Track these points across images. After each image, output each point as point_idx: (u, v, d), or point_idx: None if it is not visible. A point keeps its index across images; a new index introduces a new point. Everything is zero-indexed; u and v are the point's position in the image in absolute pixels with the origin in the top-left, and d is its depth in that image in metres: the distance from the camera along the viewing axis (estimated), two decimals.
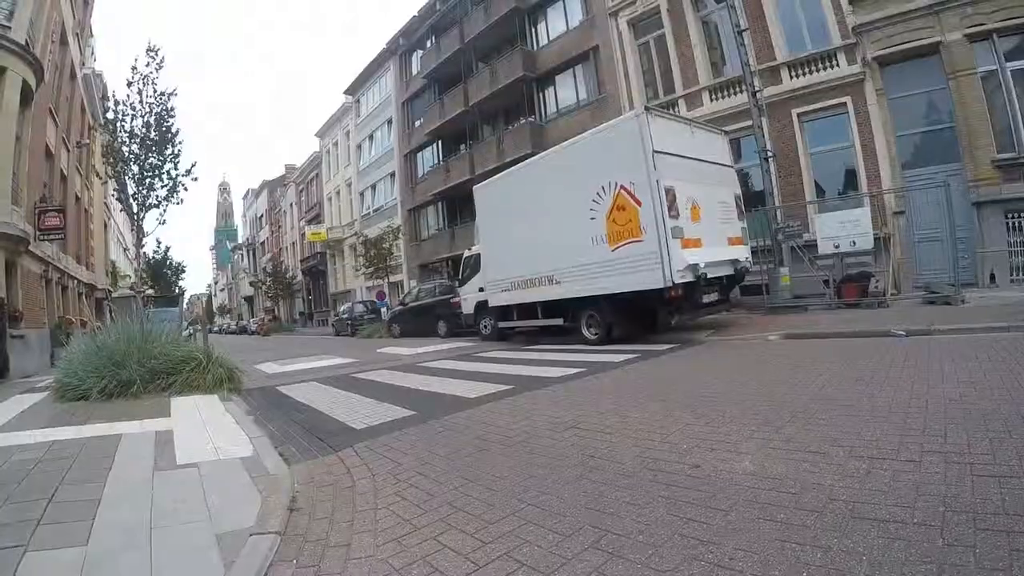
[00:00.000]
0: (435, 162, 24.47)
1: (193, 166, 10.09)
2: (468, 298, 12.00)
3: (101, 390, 5.51)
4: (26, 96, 10.98)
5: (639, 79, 15.05)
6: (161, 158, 9.54)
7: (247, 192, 61.83)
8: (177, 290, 29.27)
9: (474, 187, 11.27)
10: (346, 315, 22.08)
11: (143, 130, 9.40)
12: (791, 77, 11.84)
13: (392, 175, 27.82)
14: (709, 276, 7.27)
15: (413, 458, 3.05)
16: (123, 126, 9.45)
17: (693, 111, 13.13)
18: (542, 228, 8.84)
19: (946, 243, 8.90)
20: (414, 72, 25.54)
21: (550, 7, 18.37)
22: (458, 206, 22.40)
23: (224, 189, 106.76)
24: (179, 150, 9.87)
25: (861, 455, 2.32)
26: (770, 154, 11.20)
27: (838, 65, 11.22)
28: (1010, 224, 9.34)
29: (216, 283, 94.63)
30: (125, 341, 6.11)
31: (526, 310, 9.79)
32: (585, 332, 8.42)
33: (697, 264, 7.06)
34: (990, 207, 9.51)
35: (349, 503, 2.46)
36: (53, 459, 3.23)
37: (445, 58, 22.15)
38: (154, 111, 9.43)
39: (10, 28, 10.38)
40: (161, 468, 3.00)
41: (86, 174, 19.26)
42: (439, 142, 24.19)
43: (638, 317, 8.10)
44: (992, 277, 9.42)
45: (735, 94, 12.63)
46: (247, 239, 60.75)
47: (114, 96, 9.94)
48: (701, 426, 3.06)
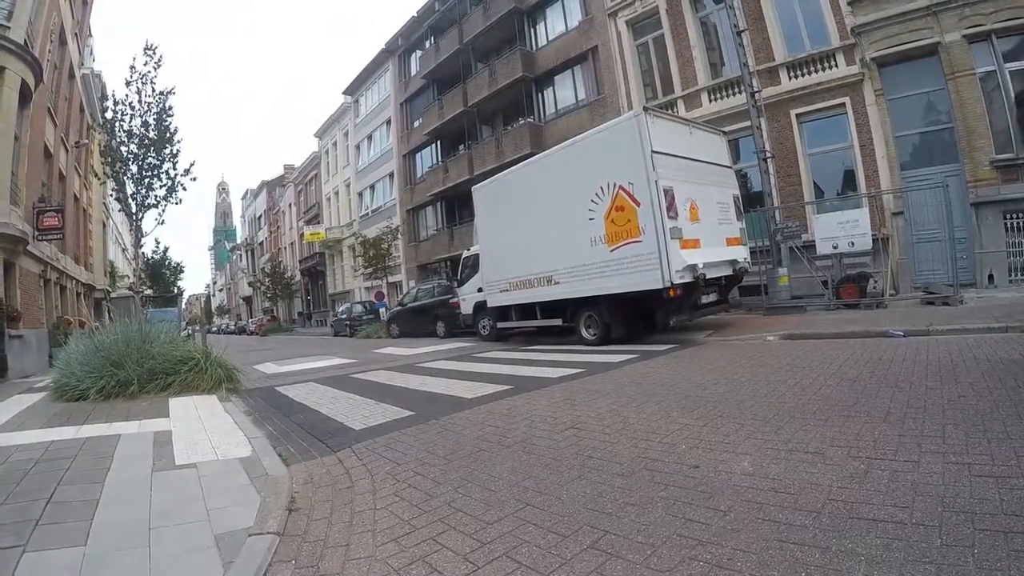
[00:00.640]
0: (434, 162, 24.47)
1: (192, 165, 10.08)
2: (467, 298, 12.00)
3: (99, 390, 5.50)
4: (25, 96, 10.95)
5: (638, 79, 15.07)
6: (160, 158, 9.52)
7: (246, 192, 61.77)
8: (176, 290, 29.23)
9: (473, 187, 11.28)
10: (345, 315, 22.06)
11: (141, 129, 9.38)
12: (789, 78, 11.86)
13: (391, 175, 27.82)
14: (708, 277, 7.28)
15: (412, 458, 3.04)
16: (121, 126, 9.43)
17: (692, 112, 13.15)
18: (541, 228, 8.85)
19: (944, 244, 8.91)
20: (413, 72, 25.55)
21: (549, 7, 18.39)
22: (457, 206, 22.40)
23: (223, 189, 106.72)
24: (178, 149, 9.86)
25: (859, 456, 2.32)
26: (769, 155, 11.21)
27: (837, 66, 11.24)
28: (1008, 224, 9.36)
29: (215, 283, 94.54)
30: (123, 341, 6.11)
31: (525, 311, 9.79)
32: (584, 332, 8.43)
33: (696, 264, 7.07)
34: (988, 207, 9.53)
35: (348, 503, 2.46)
36: (51, 459, 3.22)
37: (444, 58, 22.16)
38: (152, 110, 9.41)
39: (9, 28, 10.36)
40: (160, 468, 3.00)
41: (85, 174, 19.22)
42: (438, 142, 24.19)
43: (637, 317, 8.10)
44: (991, 277, 9.45)
45: (734, 95, 12.65)
46: (246, 239, 60.70)
47: (113, 95, 9.90)
48: (699, 426, 3.06)
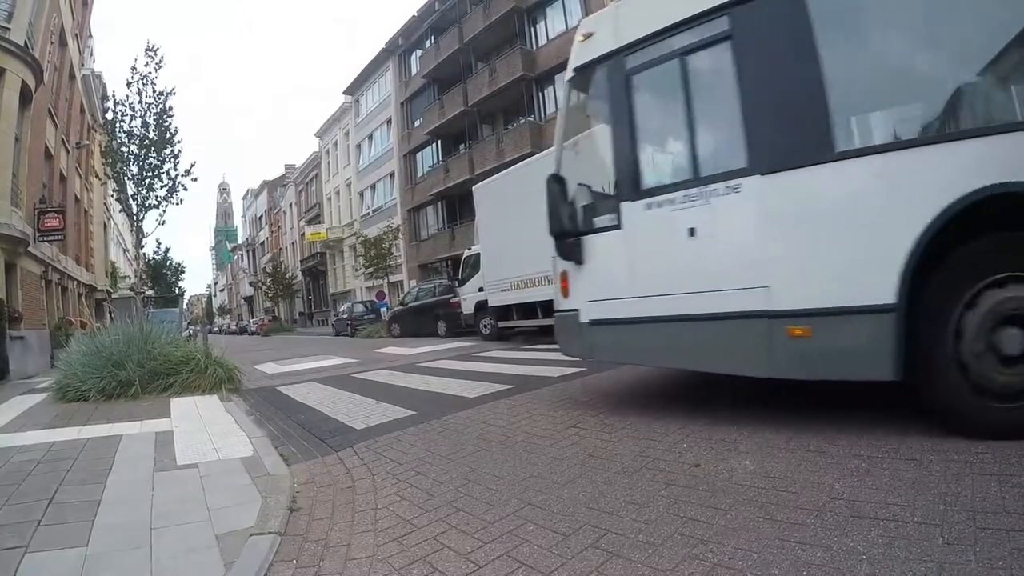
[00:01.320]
0: (434, 162, 24.49)
1: (192, 166, 10.06)
2: (468, 298, 12.00)
3: (101, 391, 5.51)
4: (25, 97, 10.98)
5: None
6: (160, 158, 9.52)
7: (247, 192, 61.86)
8: (177, 291, 29.28)
9: (473, 187, 11.30)
10: (346, 315, 22.10)
11: (142, 130, 9.38)
12: None
13: (391, 175, 27.84)
14: None
15: (413, 458, 3.05)
16: (121, 126, 9.43)
17: None
18: (541, 227, 8.82)
19: None
20: (413, 72, 25.57)
21: (549, 6, 18.39)
22: (457, 206, 22.41)
23: (224, 189, 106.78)
24: (179, 150, 9.85)
25: (860, 454, 2.32)
26: None
27: None
28: None
29: (216, 283, 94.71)
30: (125, 342, 6.11)
31: (526, 310, 9.78)
32: None
33: None
34: None
35: (349, 503, 2.46)
36: (53, 460, 3.23)
37: (444, 58, 22.18)
38: (152, 111, 9.41)
39: (9, 29, 10.38)
40: (161, 468, 3.00)
41: (86, 175, 19.25)
42: (438, 142, 24.21)
43: None
44: None
45: None
46: (247, 239, 60.80)
47: (113, 96, 9.92)
48: (700, 424, 3.06)
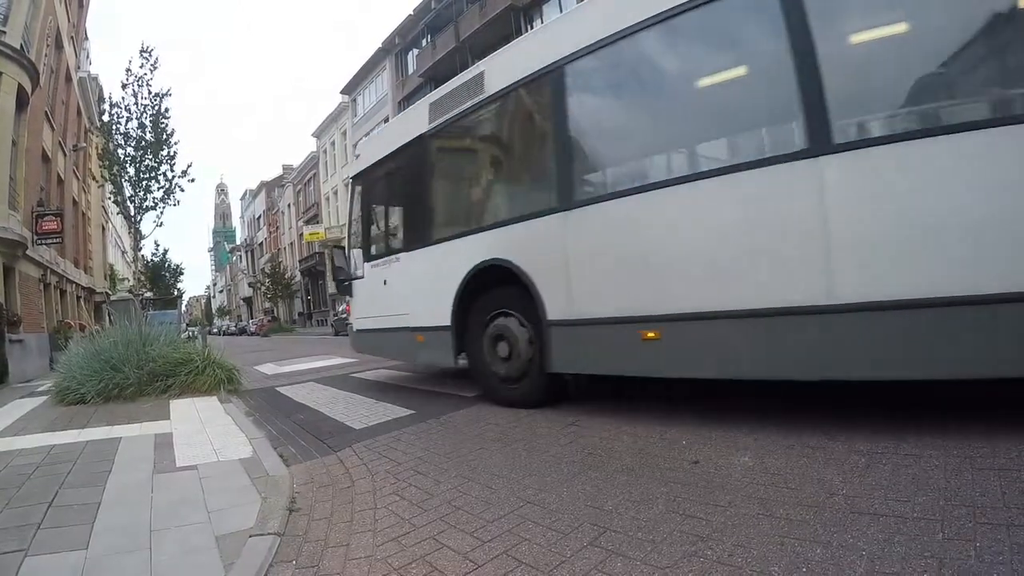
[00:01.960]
0: None
1: (189, 167, 10.06)
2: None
3: (100, 393, 5.51)
4: (22, 100, 10.95)
5: None
6: (157, 160, 9.51)
7: (244, 193, 61.80)
8: (176, 292, 29.25)
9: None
10: (345, 315, 22.06)
11: (138, 132, 9.37)
12: None
13: None
14: None
15: (412, 457, 3.04)
16: (118, 128, 9.42)
17: None
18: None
19: None
20: (410, 71, 25.54)
21: (545, 4, 18.37)
22: None
23: (222, 190, 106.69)
24: (175, 151, 9.85)
25: (860, 449, 2.32)
26: None
27: None
28: None
29: (215, 285, 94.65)
30: (124, 344, 6.11)
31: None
32: None
33: None
34: None
35: (348, 503, 2.46)
36: (53, 463, 3.23)
37: (441, 57, 22.15)
38: (148, 112, 9.40)
39: (5, 32, 10.35)
40: (160, 470, 3.00)
41: (83, 177, 19.22)
42: None
43: None
44: None
45: None
46: (245, 240, 60.75)
47: (109, 98, 9.89)
48: (700, 423, 3.06)
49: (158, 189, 9.64)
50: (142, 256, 15.33)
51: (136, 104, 9.40)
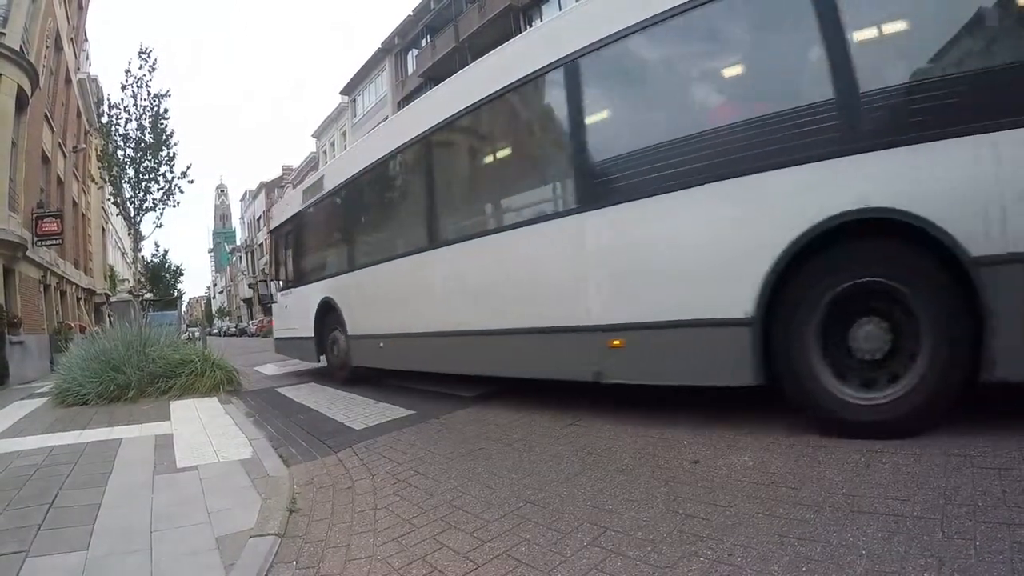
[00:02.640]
0: None
1: (188, 168, 10.06)
2: None
3: (100, 395, 5.52)
4: (21, 102, 10.94)
5: None
6: (156, 161, 9.50)
7: (244, 194, 61.76)
8: (176, 293, 29.24)
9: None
10: None
11: (137, 133, 9.36)
12: None
13: None
14: None
15: (412, 457, 3.05)
16: (117, 129, 9.41)
17: None
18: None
19: None
20: (410, 71, 25.51)
21: (545, 4, 18.34)
22: None
23: (222, 191, 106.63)
24: (174, 152, 9.84)
25: (860, 448, 2.32)
26: None
27: None
28: None
29: (215, 285, 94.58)
30: (124, 345, 6.11)
31: None
32: None
33: None
34: None
35: (348, 504, 2.46)
36: (53, 464, 3.23)
37: (440, 57, 22.11)
38: (147, 113, 9.39)
39: (4, 34, 10.34)
40: (161, 472, 3.01)
41: (83, 179, 19.22)
42: None
43: None
44: None
45: None
46: (245, 241, 60.68)
47: (108, 100, 9.88)
48: (700, 422, 3.06)
49: (158, 190, 9.63)
50: (142, 257, 15.33)
51: (135, 105, 9.40)
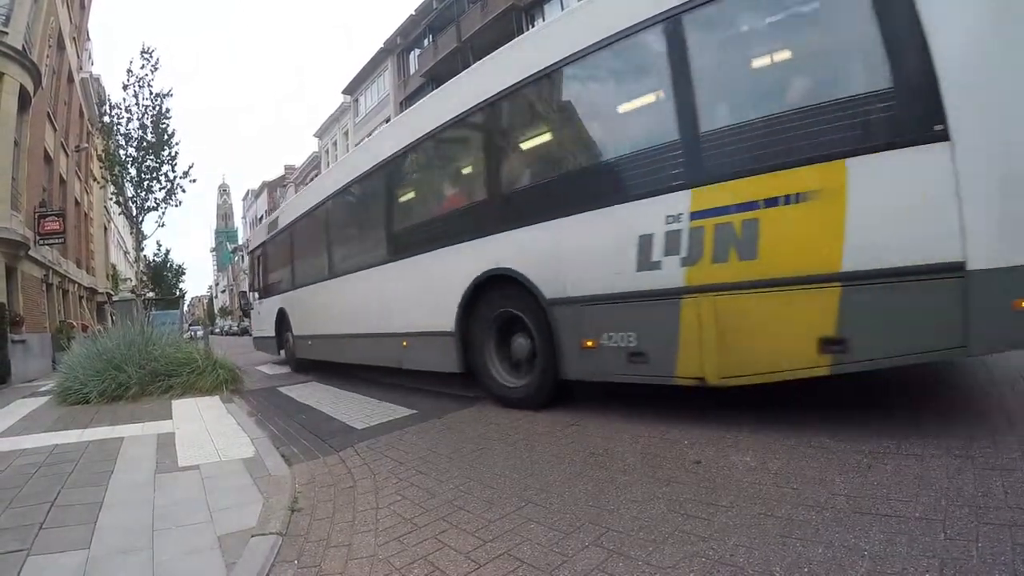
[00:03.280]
0: None
1: (191, 167, 10.08)
2: None
3: (103, 393, 5.53)
4: (24, 101, 10.98)
5: None
6: (158, 160, 9.53)
7: (247, 193, 61.89)
8: (178, 292, 29.27)
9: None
10: None
11: (139, 132, 9.38)
12: None
13: None
14: None
15: (414, 457, 3.05)
16: (119, 129, 9.43)
17: None
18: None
19: None
20: (412, 71, 25.51)
21: (547, 4, 18.33)
22: None
23: (224, 191, 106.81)
24: (176, 152, 9.86)
25: (862, 449, 2.31)
26: None
27: None
28: None
29: (217, 285, 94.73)
30: (126, 344, 6.13)
31: None
32: None
33: None
34: None
35: (350, 503, 2.46)
36: (55, 463, 3.23)
37: (442, 57, 22.12)
38: (149, 113, 9.41)
39: (7, 33, 10.37)
40: (163, 470, 3.01)
41: (85, 178, 19.26)
42: None
43: None
44: None
45: None
46: (247, 240, 60.78)
47: (109, 100, 9.91)
48: (700, 421, 3.05)
49: (160, 190, 9.66)
50: (144, 256, 15.36)
51: (137, 105, 9.42)
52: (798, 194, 2.55)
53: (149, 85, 9.43)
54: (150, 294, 20.23)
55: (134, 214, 9.77)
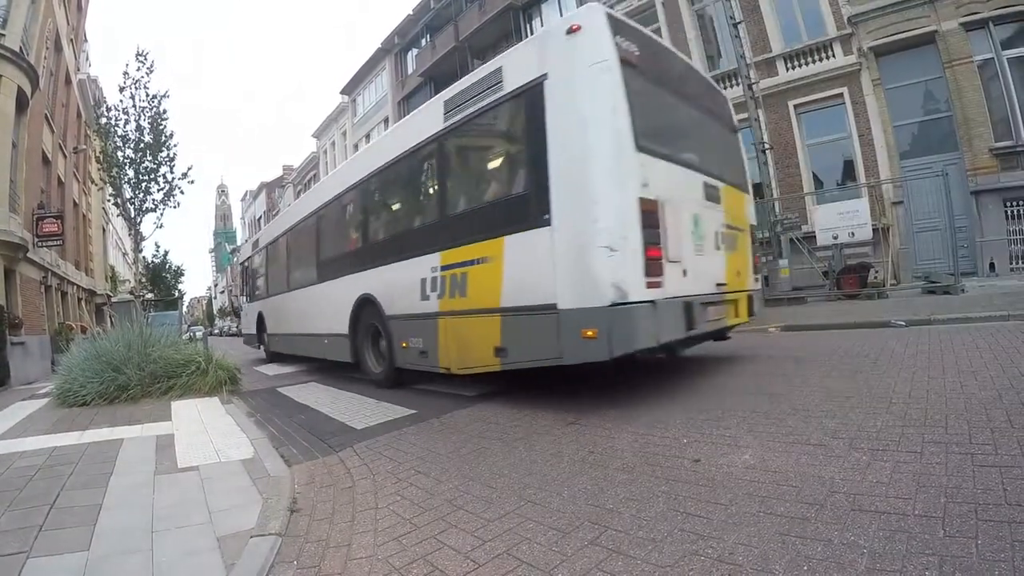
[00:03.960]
0: None
1: (189, 169, 10.10)
2: None
3: (102, 395, 5.51)
4: (21, 103, 10.94)
5: None
6: (156, 161, 9.53)
7: (245, 194, 61.80)
8: (176, 294, 29.26)
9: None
10: None
11: (136, 134, 9.38)
12: (787, 68, 11.83)
13: None
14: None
15: (413, 457, 3.04)
16: (116, 131, 9.43)
17: None
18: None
19: (945, 232, 8.90)
20: (410, 71, 25.49)
21: (544, 3, 18.32)
22: None
23: (222, 191, 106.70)
24: (174, 153, 9.86)
25: (862, 447, 2.32)
26: (767, 146, 11.18)
27: (834, 56, 11.21)
28: (1009, 212, 9.33)
29: (216, 285, 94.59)
30: (125, 346, 6.11)
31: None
32: None
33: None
34: (988, 195, 9.51)
35: (349, 503, 2.46)
36: (55, 465, 3.23)
37: (440, 56, 22.09)
38: (146, 114, 9.41)
39: (4, 35, 10.35)
40: (162, 472, 3.01)
41: (83, 179, 19.23)
42: None
43: None
44: (992, 266, 9.43)
45: (731, 86, 12.59)
46: (246, 240, 60.66)
47: (105, 103, 9.92)
48: (701, 420, 3.06)
49: (158, 191, 9.66)
50: (143, 258, 15.35)
51: (134, 107, 9.42)
52: (483, 258, 4.04)
53: (145, 87, 9.44)
54: (149, 295, 20.21)
55: (132, 215, 9.77)
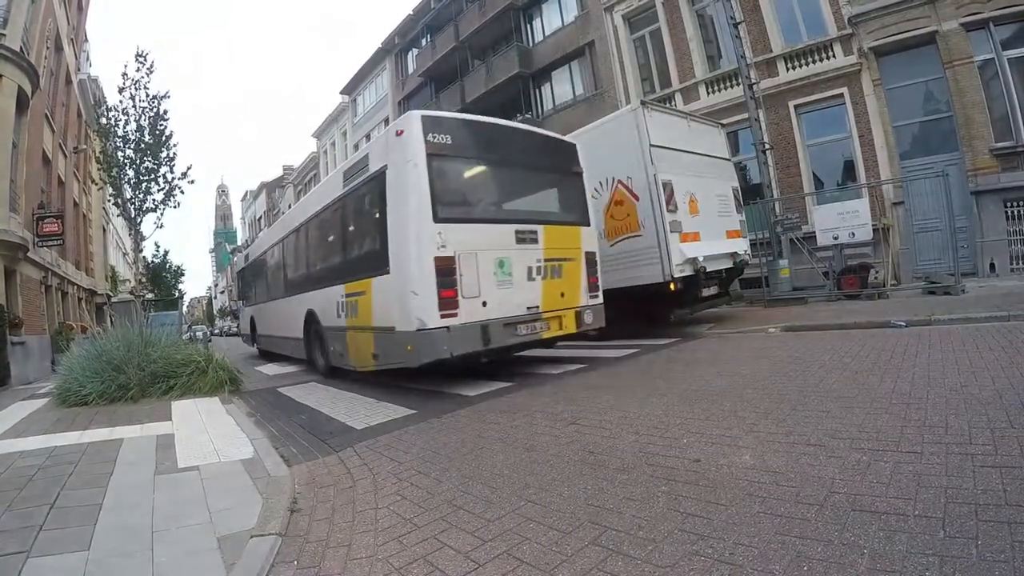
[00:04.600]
0: None
1: (189, 169, 10.09)
2: None
3: (102, 395, 5.52)
4: (22, 102, 10.93)
5: (635, 73, 15.01)
6: (156, 161, 9.53)
7: (245, 194, 61.83)
8: (177, 293, 29.26)
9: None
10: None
11: (136, 134, 9.39)
12: (787, 69, 11.81)
13: None
14: (708, 269, 7.28)
15: (413, 457, 3.05)
16: (116, 131, 9.43)
17: (690, 104, 13.10)
18: None
19: (945, 233, 8.86)
20: (410, 71, 25.48)
21: (545, 3, 18.31)
22: None
23: (222, 191, 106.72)
24: (174, 153, 9.86)
25: (862, 447, 2.32)
26: (767, 146, 11.17)
27: (834, 56, 11.18)
28: (1009, 213, 9.32)
29: (216, 285, 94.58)
30: (125, 346, 6.11)
31: None
32: None
33: (696, 258, 7.07)
34: (989, 196, 9.49)
35: (350, 503, 2.46)
36: (55, 465, 3.23)
37: (440, 56, 22.09)
38: (146, 115, 9.42)
39: (5, 35, 10.34)
40: (162, 472, 3.01)
41: (84, 179, 19.22)
42: None
43: (637, 312, 8.09)
44: (992, 266, 9.41)
45: (732, 87, 12.60)
46: (246, 241, 60.71)
47: (105, 103, 9.92)
48: (701, 420, 3.06)
49: (158, 191, 9.66)
50: (143, 258, 15.37)
51: (134, 107, 9.42)
52: (363, 291, 5.55)
53: (145, 88, 9.44)
54: (149, 295, 20.22)
55: (132, 215, 9.77)
